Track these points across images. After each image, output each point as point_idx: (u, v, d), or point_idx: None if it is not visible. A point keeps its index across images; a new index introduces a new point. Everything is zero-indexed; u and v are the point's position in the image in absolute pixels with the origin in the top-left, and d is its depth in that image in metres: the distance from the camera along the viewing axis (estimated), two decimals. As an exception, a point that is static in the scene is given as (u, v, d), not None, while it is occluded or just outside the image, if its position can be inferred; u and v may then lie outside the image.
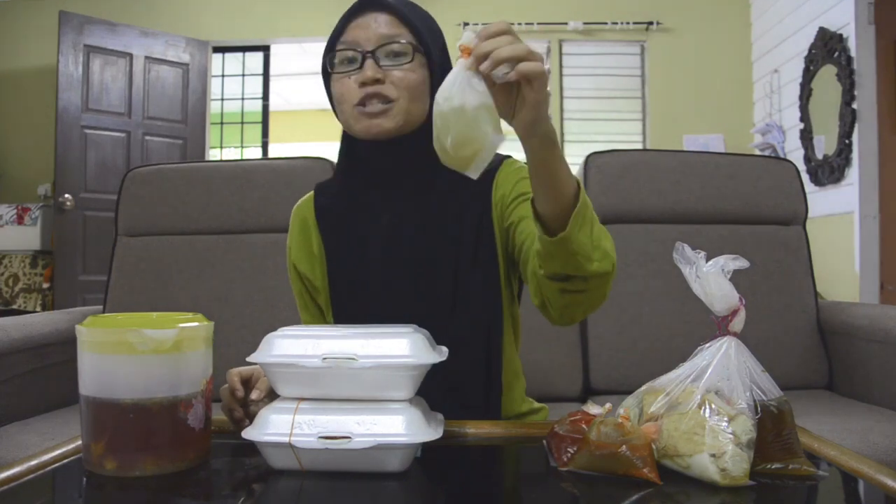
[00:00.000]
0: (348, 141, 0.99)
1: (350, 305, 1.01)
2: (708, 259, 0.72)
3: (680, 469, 0.66)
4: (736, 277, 0.72)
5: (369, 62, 0.91)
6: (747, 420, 0.65)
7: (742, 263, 0.71)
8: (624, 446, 0.65)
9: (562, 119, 4.37)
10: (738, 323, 0.72)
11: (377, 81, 0.91)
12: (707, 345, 0.72)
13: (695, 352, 0.73)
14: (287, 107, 7.34)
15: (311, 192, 1.08)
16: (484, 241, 0.98)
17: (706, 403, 0.66)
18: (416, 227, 0.97)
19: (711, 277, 0.71)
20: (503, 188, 0.99)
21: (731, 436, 0.64)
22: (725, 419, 0.65)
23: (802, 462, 0.67)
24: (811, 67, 3.46)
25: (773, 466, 0.66)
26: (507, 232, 0.98)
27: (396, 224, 0.98)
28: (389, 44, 0.92)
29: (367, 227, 0.99)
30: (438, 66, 0.95)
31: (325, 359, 0.68)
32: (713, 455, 0.63)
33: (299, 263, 1.05)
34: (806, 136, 3.51)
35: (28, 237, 3.95)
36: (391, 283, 0.98)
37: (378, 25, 0.92)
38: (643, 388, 0.75)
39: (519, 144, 0.71)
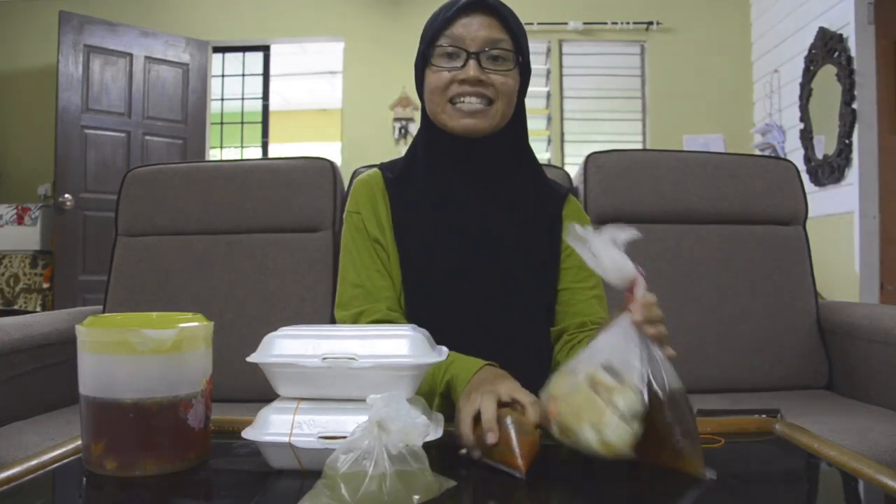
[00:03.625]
0: (432, 130, 1.03)
1: (418, 279, 1.02)
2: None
3: (573, 445, 0.67)
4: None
5: (472, 62, 0.95)
6: (633, 394, 0.65)
7: (631, 234, 0.70)
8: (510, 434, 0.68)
9: (562, 119, 4.37)
10: (640, 292, 0.71)
11: (479, 82, 0.95)
12: (619, 318, 0.72)
13: (607, 325, 0.73)
14: (287, 107, 7.34)
15: (375, 170, 1.10)
16: (554, 252, 1.05)
17: (594, 378, 0.67)
18: (491, 212, 1.02)
19: (602, 251, 0.70)
20: (572, 218, 1.07)
21: (614, 409, 0.64)
22: (610, 392, 0.65)
23: (697, 462, 0.66)
24: (811, 67, 3.46)
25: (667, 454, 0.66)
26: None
27: (471, 207, 1.02)
28: (493, 49, 0.96)
29: (442, 207, 1.02)
30: (527, 73, 1.02)
31: (324, 359, 0.68)
32: (594, 426, 0.64)
33: (371, 227, 1.04)
34: (806, 136, 3.51)
35: (28, 237, 3.95)
36: (461, 265, 1.00)
37: (484, 28, 0.96)
38: (557, 371, 0.75)
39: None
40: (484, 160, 1.02)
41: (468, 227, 1.01)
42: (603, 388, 0.66)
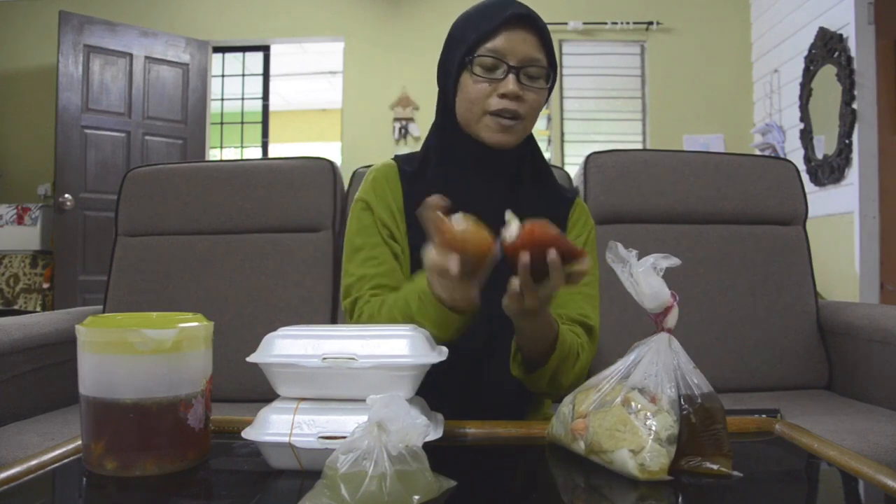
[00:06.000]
0: (457, 134, 1.04)
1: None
2: (639, 257, 0.73)
3: (605, 464, 0.68)
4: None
5: (512, 77, 0.98)
6: (668, 417, 0.66)
7: (673, 262, 0.72)
8: None
9: (562, 119, 4.37)
10: (671, 320, 0.72)
11: (517, 97, 0.98)
12: (642, 342, 0.73)
13: (630, 348, 0.74)
14: (287, 107, 7.35)
15: (389, 161, 1.11)
16: None
17: (629, 401, 0.68)
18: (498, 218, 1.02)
19: (642, 276, 0.72)
20: (576, 231, 1.11)
21: (651, 432, 0.65)
22: (646, 416, 0.66)
23: (723, 462, 0.67)
24: (811, 67, 3.46)
25: (693, 462, 0.67)
26: None
27: (484, 203, 1.01)
28: (532, 66, 0.98)
29: (455, 199, 1.02)
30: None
31: (324, 359, 0.68)
32: (632, 451, 0.65)
33: (383, 213, 1.05)
34: (806, 136, 3.52)
35: (28, 237, 3.95)
36: None
37: (526, 45, 0.98)
38: (579, 387, 0.77)
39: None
40: (503, 169, 1.05)
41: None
42: (637, 412, 0.67)
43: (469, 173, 1.04)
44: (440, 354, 0.73)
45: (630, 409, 0.67)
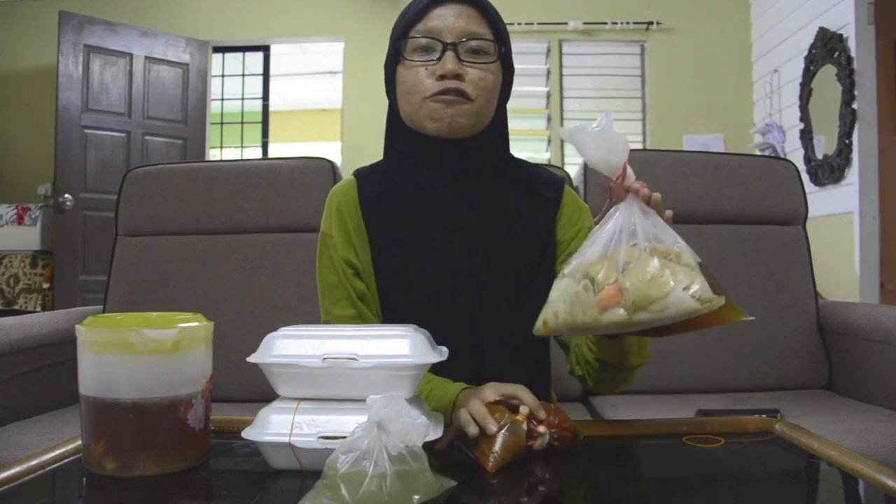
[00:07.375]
0: (408, 134, 0.93)
1: (399, 293, 0.97)
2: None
3: (656, 316, 0.67)
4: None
5: (450, 55, 0.86)
6: (690, 253, 0.70)
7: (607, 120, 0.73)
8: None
9: (562, 119, 4.37)
10: (630, 176, 0.74)
11: (457, 76, 0.86)
12: (613, 209, 0.75)
13: (604, 218, 0.75)
14: (287, 107, 7.35)
15: (349, 179, 1.02)
16: (548, 254, 0.99)
17: (656, 250, 0.70)
18: (477, 222, 0.95)
19: (601, 136, 0.74)
20: (567, 219, 1.01)
21: (694, 267, 0.68)
22: (678, 257, 0.69)
23: (734, 310, 0.69)
24: (811, 67, 3.46)
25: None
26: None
27: (454, 217, 0.94)
28: (472, 39, 0.88)
29: (422, 218, 0.95)
30: (510, 72, 0.95)
31: (325, 359, 0.68)
32: (685, 288, 0.66)
33: (346, 251, 0.98)
34: (806, 136, 3.51)
35: (28, 237, 3.95)
36: (446, 276, 0.95)
37: (461, 19, 0.87)
38: (572, 266, 0.75)
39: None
40: (465, 166, 0.93)
41: (451, 246, 0.95)
42: (667, 257, 0.69)
43: (435, 180, 0.94)
44: (440, 354, 0.73)
45: (661, 256, 0.69)
